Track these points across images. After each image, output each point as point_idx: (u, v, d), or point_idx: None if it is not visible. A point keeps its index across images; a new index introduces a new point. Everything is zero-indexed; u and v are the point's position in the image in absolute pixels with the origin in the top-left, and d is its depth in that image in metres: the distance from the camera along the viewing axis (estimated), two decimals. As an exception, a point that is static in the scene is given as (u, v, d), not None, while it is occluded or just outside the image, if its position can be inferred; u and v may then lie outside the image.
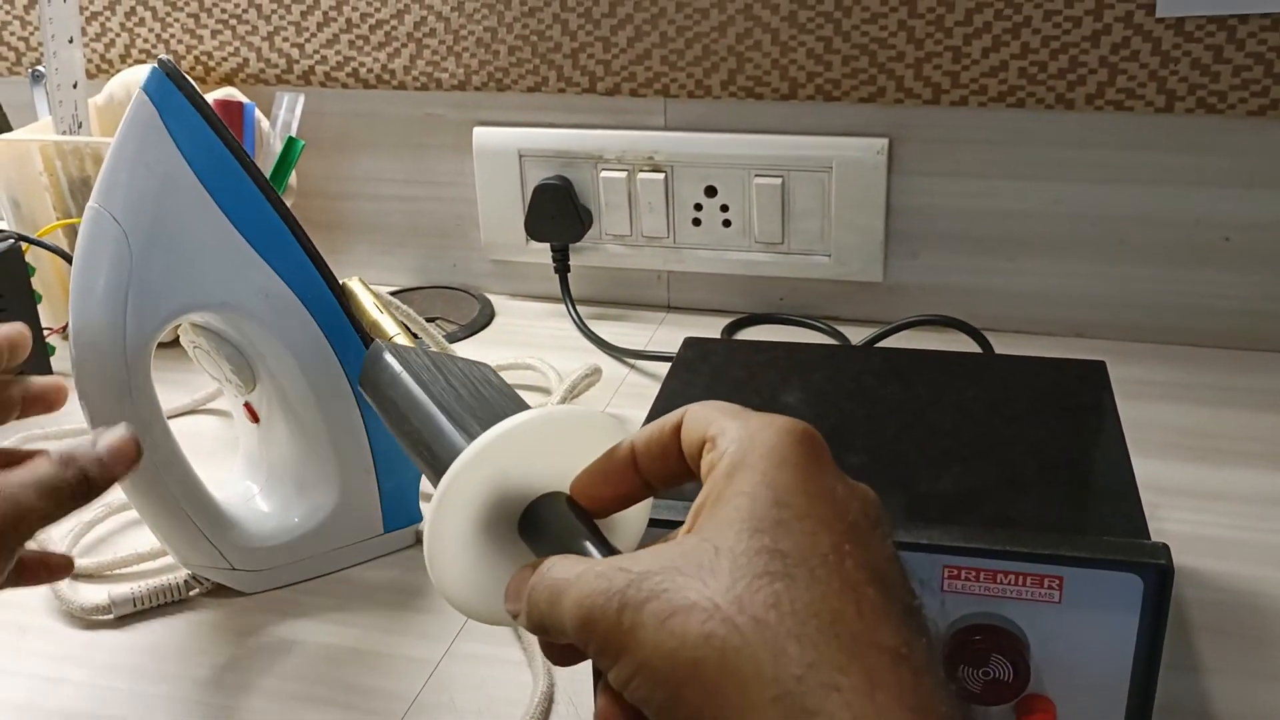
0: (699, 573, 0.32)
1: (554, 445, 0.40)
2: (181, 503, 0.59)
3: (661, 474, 0.39)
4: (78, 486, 0.45)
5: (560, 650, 0.38)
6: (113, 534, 0.69)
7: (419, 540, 0.64)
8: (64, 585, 0.62)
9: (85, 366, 0.55)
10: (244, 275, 0.57)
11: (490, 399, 0.45)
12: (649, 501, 0.41)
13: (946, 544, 0.48)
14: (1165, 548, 0.47)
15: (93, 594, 0.62)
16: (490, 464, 0.38)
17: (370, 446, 0.62)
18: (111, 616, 0.62)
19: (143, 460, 0.47)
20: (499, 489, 0.39)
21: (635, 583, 0.33)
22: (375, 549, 0.65)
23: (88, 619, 0.62)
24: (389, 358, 0.46)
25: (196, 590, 0.63)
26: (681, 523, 0.42)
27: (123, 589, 0.62)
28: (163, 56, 0.56)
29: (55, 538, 0.66)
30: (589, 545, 0.38)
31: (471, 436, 0.39)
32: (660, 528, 0.44)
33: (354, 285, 0.61)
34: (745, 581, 0.32)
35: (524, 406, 0.44)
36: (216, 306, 0.57)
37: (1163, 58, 0.79)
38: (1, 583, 0.47)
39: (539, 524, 0.39)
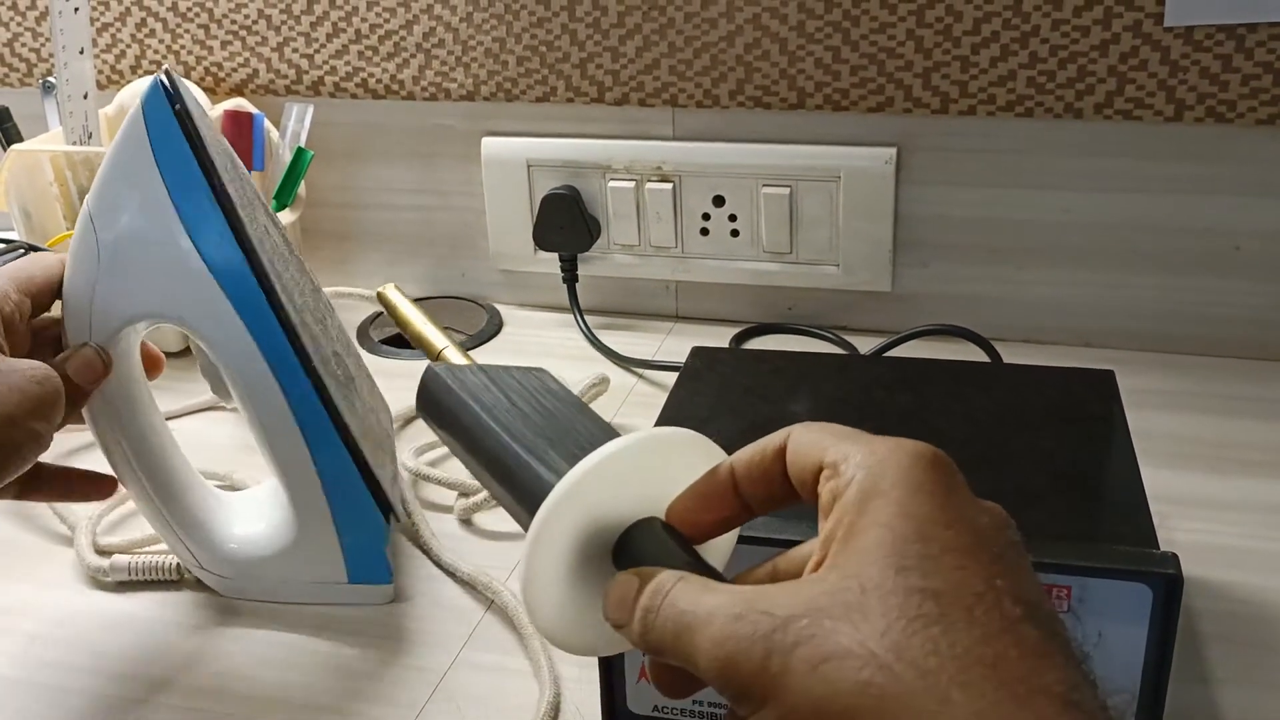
0: (848, 615, 0.31)
1: (645, 470, 0.39)
2: (155, 497, 0.60)
3: (764, 497, 0.38)
4: (55, 401, 0.51)
5: (673, 678, 0.38)
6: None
7: (390, 602, 0.63)
8: (85, 545, 0.67)
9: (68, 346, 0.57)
10: (201, 299, 0.57)
11: (557, 413, 0.43)
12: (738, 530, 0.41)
13: (954, 554, 0.48)
14: (1174, 557, 0.47)
15: (113, 561, 0.66)
16: (580, 500, 0.37)
17: (325, 495, 0.59)
18: (110, 580, 0.65)
19: (130, 374, 0.55)
20: (591, 522, 0.38)
21: (781, 627, 0.32)
22: (343, 595, 0.63)
23: (93, 578, 0.66)
24: (446, 381, 0.44)
25: (188, 575, 0.65)
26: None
27: (123, 558, 0.65)
28: (167, 68, 0.56)
29: (82, 517, 0.69)
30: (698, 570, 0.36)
31: (554, 470, 0.38)
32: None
33: (391, 295, 0.59)
34: (900, 625, 0.31)
35: (596, 421, 0.43)
36: (173, 320, 0.57)
37: (1171, 67, 0.79)
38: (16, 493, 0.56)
39: (637, 553, 0.38)
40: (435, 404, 0.44)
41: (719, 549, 0.41)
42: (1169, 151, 0.81)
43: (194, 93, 0.91)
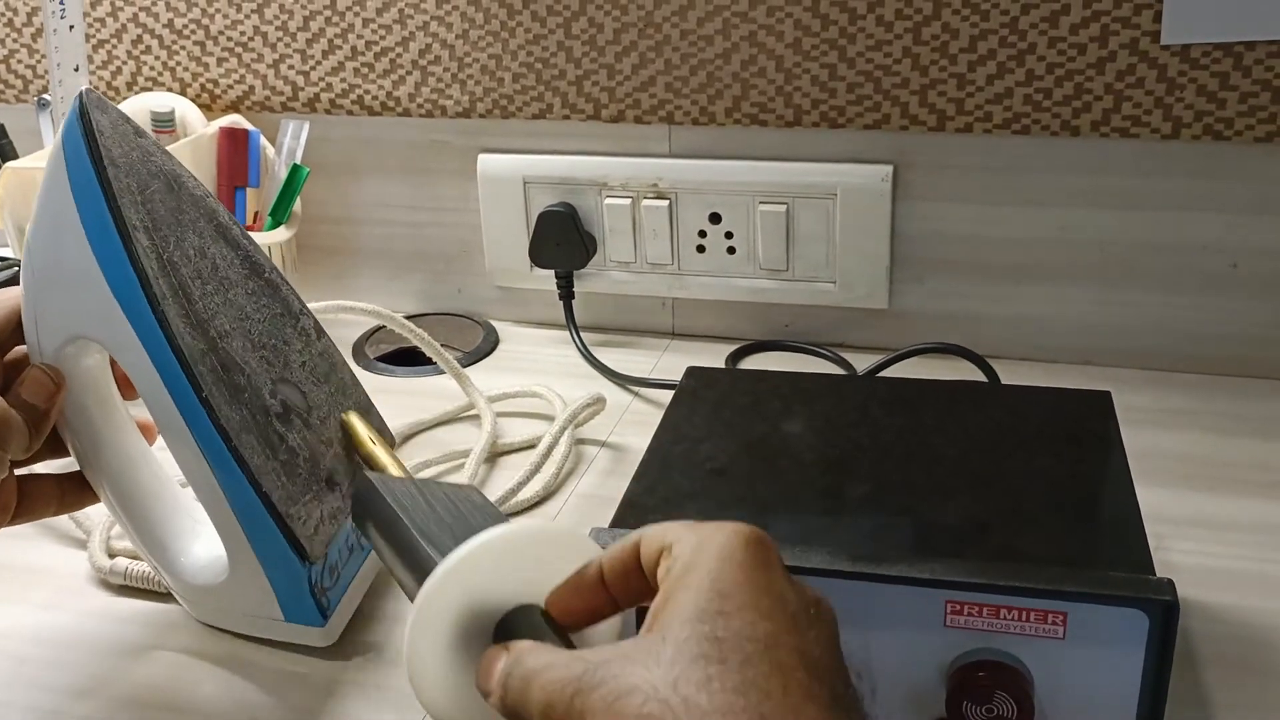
0: (645, 659, 0.36)
1: (527, 559, 0.42)
2: (123, 515, 0.60)
3: (625, 591, 0.41)
4: (20, 427, 0.53)
5: None
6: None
7: (325, 643, 0.61)
8: (97, 546, 0.68)
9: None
10: (108, 319, 0.56)
11: (468, 515, 0.47)
12: (619, 618, 0.43)
13: (949, 579, 0.48)
14: (1170, 584, 0.46)
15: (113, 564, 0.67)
16: (463, 579, 0.41)
17: (243, 530, 0.57)
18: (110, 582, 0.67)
19: (65, 390, 0.56)
20: (474, 603, 0.41)
21: (590, 670, 0.36)
22: (279, 631, 0.61)
23: (98, 577, 0.67)
24: (374, 487, 0.48)
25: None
26: None
27: (121, 561, 0.66)
28: (84, 87, 0.56)
29: (96, 519, 0.70)
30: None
31: (444, 553, 0.41)
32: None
33: (352, 420, 0.61)
34: (682, 665, 0.35)
35: (503, 521, 0.46)
36: (95, 340, 0.57)
37: (1169, 84, 0.79)
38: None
39: (514, 634, 0.41)
40: (363, 511, 0.49)
41: (600, 635, 0.43)
42: (1166, 169, 0.81)
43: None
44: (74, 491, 0.60)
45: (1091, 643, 0.47)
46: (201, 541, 0.62)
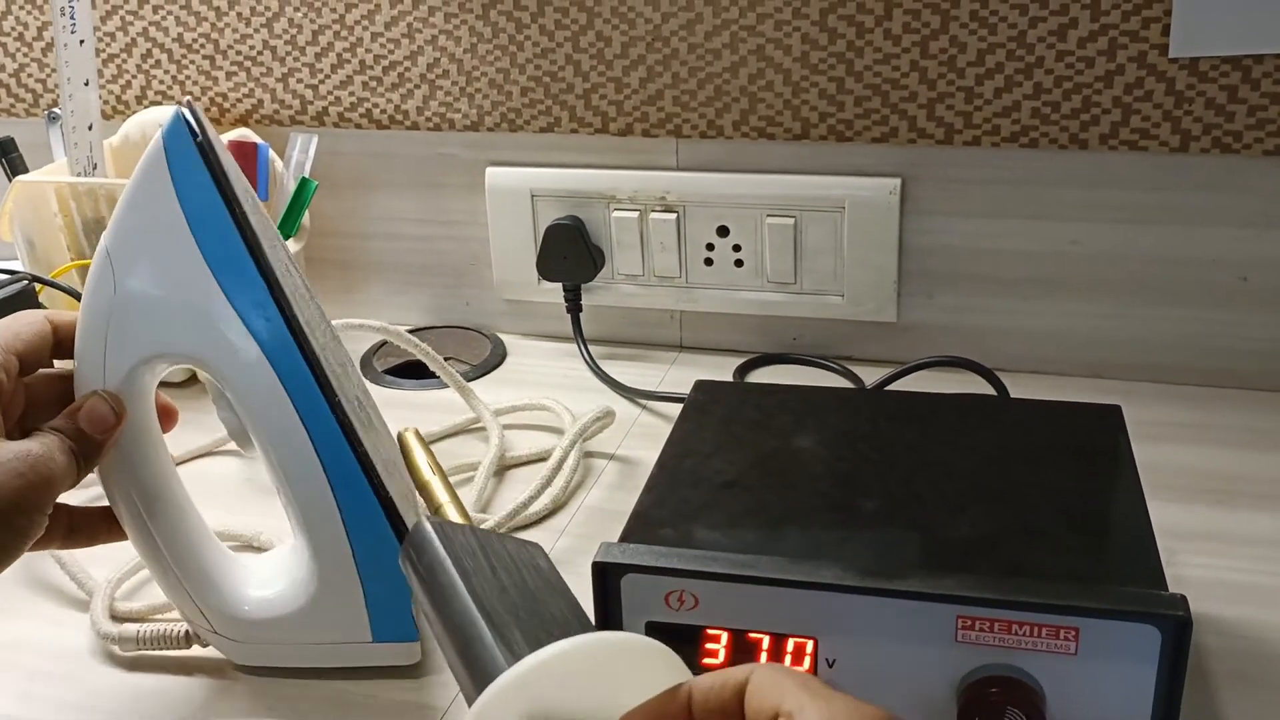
0: None
1: (604, 672, 0.38)
2: (166, 554, 0.57)
3: None
4: (67, 463, 0.50)
5: None
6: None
7: (413, 661, 0.59)
8: (101, 611, 0.63)
9: (79, 396, 0.55)
10: (223, 338, 0.54)
11: (537, 592, 0.43)
12: None
13: (961, 594, 0.47)
14: (1183, 599, 0.46)
15: (121, 629, 0.62)
16: (528, 691, 0.37)
17: (349, 543, 0.56)
18: (119, 651, 0.62)
19: (126, 420, 0.53)
20: (537, 713, 0.37)
21: None
22: (365, 656, 0.59)
23: (105, 647, 0.62)
24: (433, 537, 0.44)
25: (196, 643, 0.60)
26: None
27: (133, 626, 0.61)
28: (187, 99, 0.55)
29: (101, 581, 0.65)
30: None
31: (512, 651, 0.37)
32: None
33: (410, 438, 0.57)
34: None
35: (574, 607, 0.42)
36: (190, 360, 0.56)
37: (1177, 98, 0.79)
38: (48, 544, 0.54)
39: None
40: (417, 557, 0.44)
41: None
42: (1175, 182, 0.81)
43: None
44: (97, 526, 0.57)
45: (1104, 658, 0.47)
46: (258, 576, 0.59)
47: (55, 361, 0.56)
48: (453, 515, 0.55)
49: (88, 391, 0.54)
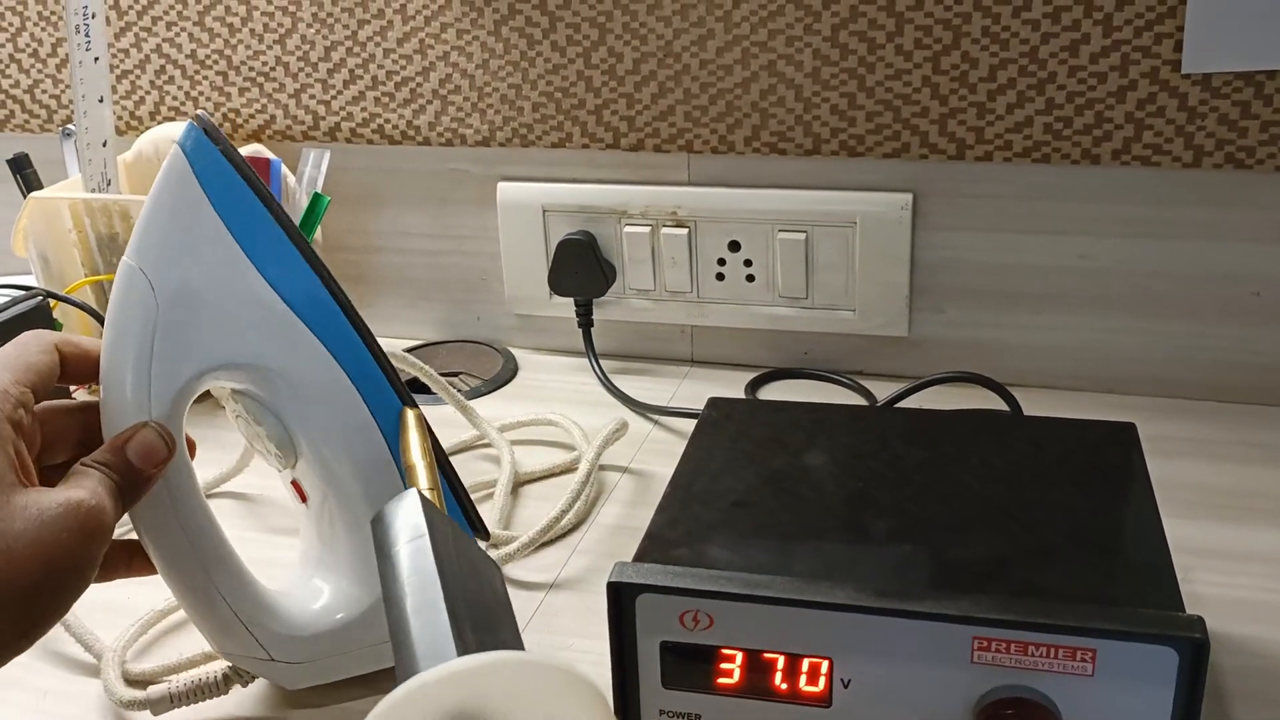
0: None
1: (546, 699, 0.37)
2: (214, 582, 0.54)
3: None
4: (114, 507, 0.47)
5: None
6: (170, 634, 0.65)
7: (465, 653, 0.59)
8: (114, 678, 0.59)
9: (111, 427, 0.52)
10: (281, 338, 0.53)
11: (493, 611, 0.43)
12: None
13: (976, 615, 0.47)
14: (1200, 621, 0.46)
15: (149, 691, 0.58)
16: (472, 686, 0.36)
17: None
18: (149, 715, 0.58)
19: (176, 455, 0.51)
20: (459, 712, 0.36)
21: None
22: None
23: (123, 715, 0.58)
24: (421, 510, 0.43)
25: (237, 684, 0.58)
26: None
27: (160, 687, 0.58)
28: (199, 112, 0.55)
29: (107, 646, 0.62)
30: None
31: (466, 646, 0.37)
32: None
33: (409, 418, 0.55)
34: None
35: (517, 639, 0.43)
36: (246, 368, 0.54)
37: (1189, 113, 0.79)
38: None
39: None
40: (397, 520, 0.43)
41: None
42: (1187, 197, 0.81)
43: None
44: (118, 561, 0.54)
45: (1121, 680, 0.46)
46: (301, 592, 0.58)
47: (72, 390, 0.55)
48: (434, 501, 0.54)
49: (129, 421, 0.51)
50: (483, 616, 0.41)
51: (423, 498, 0.44)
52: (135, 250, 0.53)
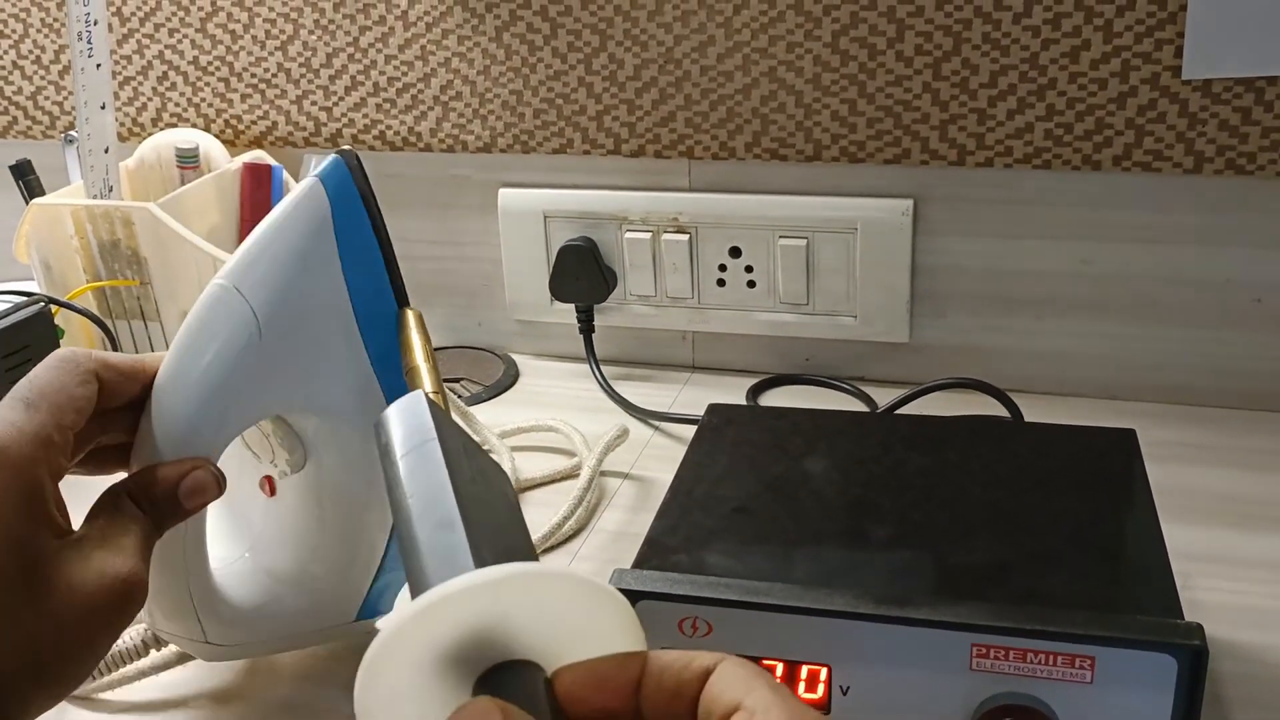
0: None
1: (557, 612, 0.34)
2: (189, 572, 0.55)
3: (662, 712, 0.34)
4: (88, 363, 0.48)
5: None
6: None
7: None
8: None
9: (158, 447, 0.51)
10: (356, 389, 0.54)
11: (504, 521, 0.40)
12: None
13: (976, 622, 0.47)
14: (1199, 628, 0.46)
15: None
16: (488, 599, 0.33)
17: (386, 547, 0.58)
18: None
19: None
20: (481, 630, 0.33)
21: None
22: (338, 635, 0.60)
23: None
24: (427, 412, 0.40)
25: (153, 648, 0.59)
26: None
27: None
28: (345, 148, 0.52)
29: None
30: None
31: (481, 558, 0.35)
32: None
33: (410, 319, 0.54)
34: None
35: (530, 548, 0.40)
36: (320, 414, 0.54)
37: (1190, 119, 0.79)
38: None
39: (505, 689, 0.33)
40: (403, 422, 0.41)
41: None
42: (1188, 204, 0.81)
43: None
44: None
45: (1120, 687, 0.46)
46: (248, 580, 0.59)
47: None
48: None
49: (181, 447, 0.50)
50: (497, 527, 0.39)
51: (429, 400, 0.41)
52: (238, 274, 0.51)
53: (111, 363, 0.50)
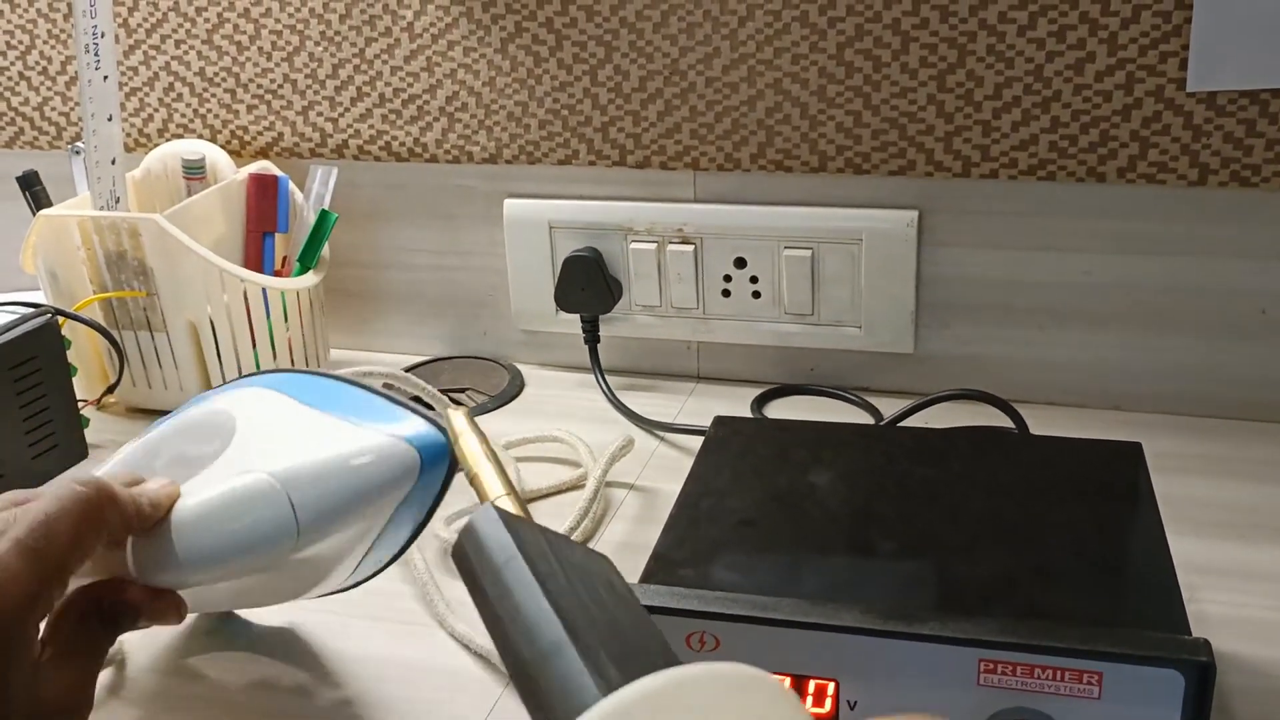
0: None
1: (713, 711, 0.31)
2: None
3: None
4: (111, 518, 0.47)
5: None
6: None
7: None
8: None
9: (160, 576, 0.51)
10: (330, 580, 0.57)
11: (616, 613, 0.37)
12: None
13: (983, 637, 0.47)
14: (1206, 644, 0.46)
15: None
16: None
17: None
18: None
19: None
20: None
21: None
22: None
23: None
24: (501, 529, 0.38)
25: None
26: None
27: None
28: (442, 424, 0.52)
29: None
30: None
31: (604, 677, 0.32)
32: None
33: (458, 422, 0.50)
34: None
35: (657, 634, 0.37)
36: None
37: (1195, 131, 0.79)
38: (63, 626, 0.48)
39: None
40: (480, 548, 0.38)
41: None
42: (1193, 215, 0.81)
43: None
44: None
45: (1127, 703, 0.47)
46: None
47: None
48: (510, 508, 0.45)
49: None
50: (613, 627, 0.36)
51: (499, 510, 0.39)
52: (295, 484, 0.51)
53: (131, 513, 0.49)
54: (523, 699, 0.34)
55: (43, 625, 0.47)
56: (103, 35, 0.85)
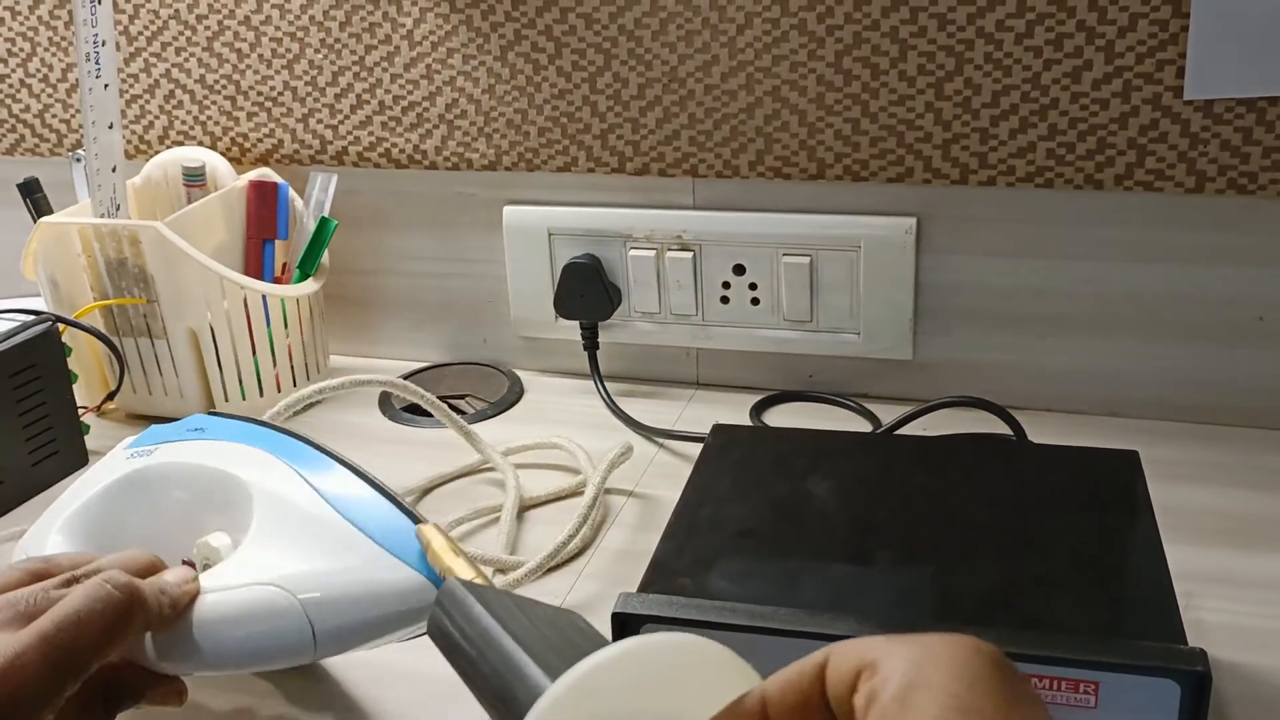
0: None
1: (661, 684, 0.33)
2: None
3: None
4: (138, 623, 0.46)
5: None
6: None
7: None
8: None
9: (170, 665, 0.52)
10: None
11: (576, 640, 0.39)
12: None
13: (979, 647, 0.47)
14: (1202, 653, 0.46)
15: None
16: (581, 706, 0.32)
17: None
18: None
19: None
20: None
21: None
22: None
23: None
24: (465, 594, 0.41)
25: None
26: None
27: None
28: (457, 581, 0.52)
29: None
30: None
31: (554, 674, 0.34)
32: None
33: (427, 536, 0.54)
34: None
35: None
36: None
37: (1192, 139, 0.79)
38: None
39: None
40: (447, 620, 0.41)
41: None
42: (1190, 222, 0.81)
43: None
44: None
45: (1123, 712, 0.47)
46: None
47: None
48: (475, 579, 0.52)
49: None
50: (569, 650, 0.37)
51: (464, 582, 0.42)
52: (317, 610, 0.51)
53: (155, 616, 0.49)
54: (490, 714, 0.36)
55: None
56: (104, 43, 0.85)
